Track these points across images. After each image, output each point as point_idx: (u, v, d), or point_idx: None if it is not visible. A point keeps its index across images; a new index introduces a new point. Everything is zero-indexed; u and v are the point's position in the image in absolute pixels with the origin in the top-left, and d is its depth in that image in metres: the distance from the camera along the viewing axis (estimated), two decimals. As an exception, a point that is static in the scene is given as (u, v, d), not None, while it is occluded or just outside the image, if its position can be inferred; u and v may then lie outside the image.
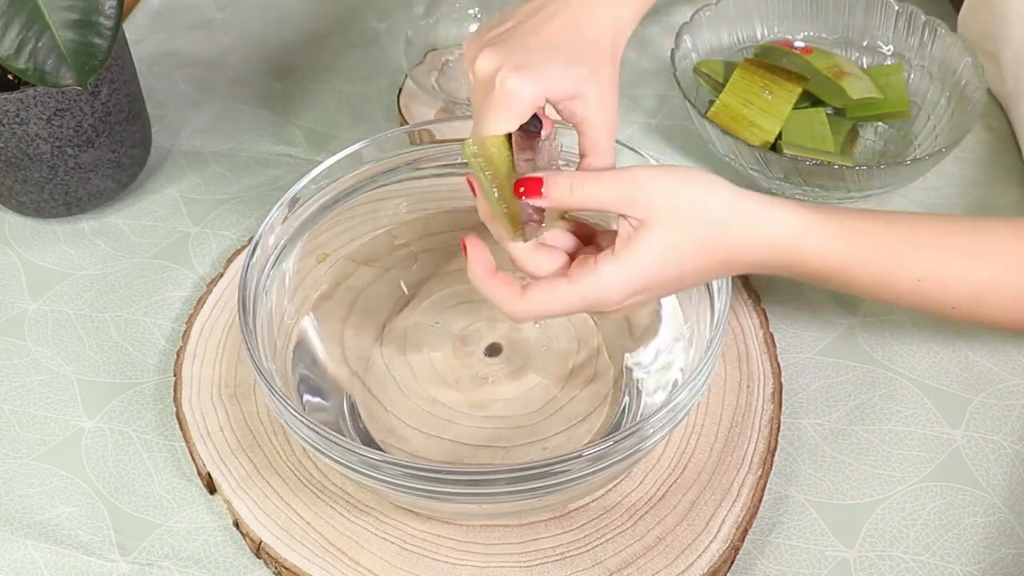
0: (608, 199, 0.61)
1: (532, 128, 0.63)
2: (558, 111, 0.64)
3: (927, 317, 0.78)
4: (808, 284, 0.70)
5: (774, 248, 0.63)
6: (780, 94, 0.91)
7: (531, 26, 0.65)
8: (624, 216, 0.61)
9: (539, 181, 0.61)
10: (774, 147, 0.90)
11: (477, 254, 0.63)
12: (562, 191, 0.61)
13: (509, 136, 0.62)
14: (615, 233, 0.61)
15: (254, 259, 0.69)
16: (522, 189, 0.61)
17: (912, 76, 0.95)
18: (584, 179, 0.61)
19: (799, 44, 0.97)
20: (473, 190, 0.65)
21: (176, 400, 0.74)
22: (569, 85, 0.63)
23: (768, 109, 0.90)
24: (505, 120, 0.61)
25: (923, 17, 0.95)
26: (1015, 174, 0.92)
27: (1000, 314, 0.68)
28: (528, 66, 0.62)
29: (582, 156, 0.65)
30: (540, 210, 0.63)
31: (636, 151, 0.73)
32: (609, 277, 0.60)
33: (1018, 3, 0.89)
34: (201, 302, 0.81)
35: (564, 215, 0.65)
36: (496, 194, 0.62)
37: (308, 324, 0.76)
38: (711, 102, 0.93)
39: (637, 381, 0.73)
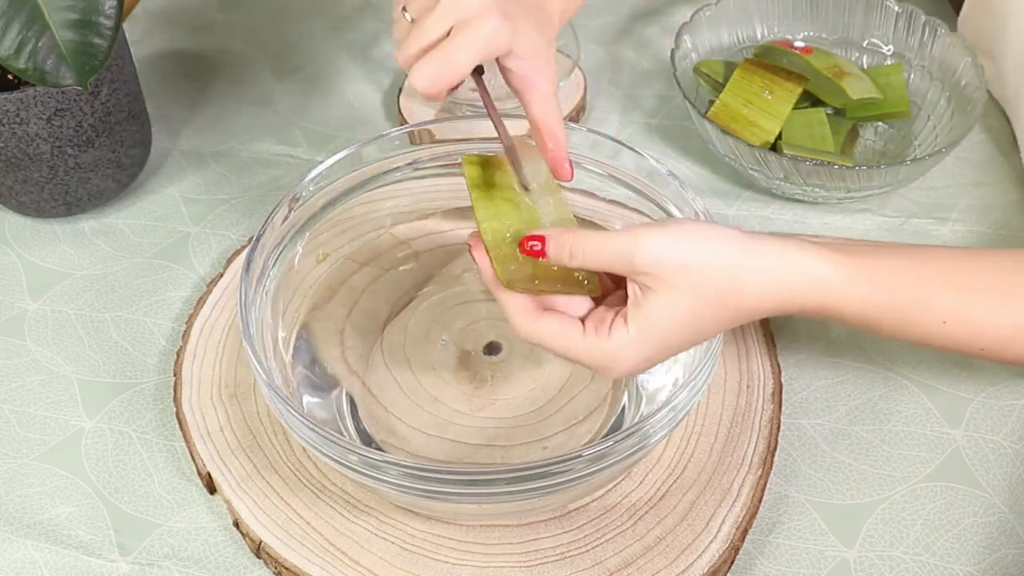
0: (612, 262, 0.59)
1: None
2: (510, 69, 0.64)
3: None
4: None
5: (792, 299, 0.60)
6: (780, 94, 0.91)
7: None
8: (631, 279, 0.59)
9: (542, 239, 0.60)
10: (774, 147, 0.90)
11: (488, 262, 0.62)
12: (563, 253, 0.59)
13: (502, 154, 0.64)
14: None
15: (254, 259, 0.69)
16: (527, 245, 0.61)
17: (912, 76, 0.95)
18: (586, 241, 0.59)
19: (799, 44, 0.97)
20: (473, 257, 0.63)
21: (176, 400, 0.74)
22: (529, 48, 0.63)
23: (768, 109, 0.90)
24: (475, 56, 0.61)
25: (923, 17, 0.95)
26: (1015, 174, 0.92)
27: None
28: (512, 18, 0.62)
29: (526, 106, 0.65)
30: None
31: (636, 151, 0.73)
32: (620, 344, 0.59)
33: (1019, 5, 0.89)
34: (201, 302, 0.81)
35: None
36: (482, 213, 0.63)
37: (308, 324, 0.76)
38: (711, 102, 0.93)
39: (637, 381, 0.73)
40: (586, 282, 0.62)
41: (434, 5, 0.62)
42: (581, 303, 0.62)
